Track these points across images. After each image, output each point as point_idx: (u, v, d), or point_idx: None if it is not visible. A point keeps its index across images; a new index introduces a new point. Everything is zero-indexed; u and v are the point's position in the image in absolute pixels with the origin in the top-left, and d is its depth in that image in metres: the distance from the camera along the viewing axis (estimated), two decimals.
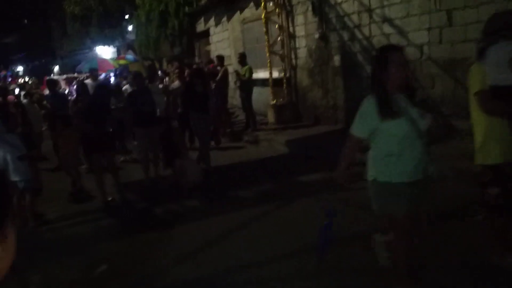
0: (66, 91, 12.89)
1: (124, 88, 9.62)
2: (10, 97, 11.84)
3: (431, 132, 3.09)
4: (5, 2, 30.41)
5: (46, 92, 10.35)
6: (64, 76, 15.41)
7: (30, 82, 20.72)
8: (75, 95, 13.65)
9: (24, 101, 9.39)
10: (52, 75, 26.61)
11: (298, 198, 5.71)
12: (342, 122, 9.33)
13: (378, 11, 8.18)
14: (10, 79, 29.01)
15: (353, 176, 3.27)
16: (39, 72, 28.63)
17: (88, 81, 11.47)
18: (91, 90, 9.20)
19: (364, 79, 8.64)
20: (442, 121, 6.66)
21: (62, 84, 14.10)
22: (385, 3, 7.98)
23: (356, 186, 3.78)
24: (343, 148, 3.23)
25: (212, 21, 14.44)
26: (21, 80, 25.72)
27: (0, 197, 0.79)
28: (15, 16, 34.78)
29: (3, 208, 0.80)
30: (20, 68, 35.72)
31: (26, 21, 35.46)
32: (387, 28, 8.02)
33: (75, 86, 14.30)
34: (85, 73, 16.95)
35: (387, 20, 8.00)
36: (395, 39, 7.84)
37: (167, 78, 11.95)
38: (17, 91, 15.23)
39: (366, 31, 8.52)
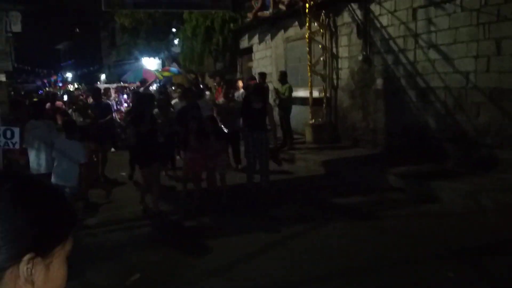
0: (115, 100, 13.37)
1: (173, 102, 9.59)
2: (58, 103, 12.38)
3: None
4: (60, 10, 31.91)
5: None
6: (114, 85, 15.82)
7: (73, 89, 21.65)
8: (125, 105, 13.98)
9: (69, 110, 9.79)
10: (98, 83, 27.64)
11: (332, 221, 5.68)
12: (382, 146, 9.23)
13: (424, 36, 8.11)
14: (61, 84, 30.34)
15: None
16: (86, 79, 29.78)
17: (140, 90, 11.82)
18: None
19: (406, 104, 8.54)
20: None
21: (112, 93, 14.52)
22: (432, 28, 7.91)
23: (390, 214, 3.79)
24: None
25: (255, 39, 14.66)
26: (70, 86, 26.82)
27: (62, 217, 0.81)
28: (68, 25, 36.42)
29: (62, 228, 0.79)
30: (69, 74, 37.23)
31: (77, 30, 37.00)
32: (433, 54, 7.92)
33: (125, 96, 14.65)
34: (131, 82, 17.50)
35: (433, 46, 7.92)
36: (441, 66, 7.74)
37: (208, 92, 12.19)
38: (65, 97, 15.84)
39: (411, 56, 8.45)
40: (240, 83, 10.97)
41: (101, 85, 15.73)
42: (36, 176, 5.52)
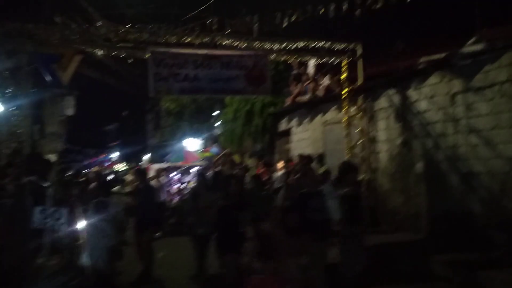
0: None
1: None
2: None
3: None
4: (111, 94, 34.11)
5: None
6: (167, 165, 15.43)
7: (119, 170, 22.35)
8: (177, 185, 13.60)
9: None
10: (141, 162, 28.56)
11: None
12: (424, 231, 8.90)
13: (463, 121, 8.09)
14: (107, 164, 31.61)
15: None
16: (131, 158, 30.90)
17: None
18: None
19: (449, 188, 8.35)
20: None
21: (164, 173, 14.07)
22: (472, 113, 7.91)
23: None
24: None
25: (294, 122, 15.02)
26: (117, 166, 27.87)
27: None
28: (117, 108, 38.76)
29: None
30: (115, 154, 38.83)
31: (125, 112, 39.21)
32: (474, 139, 7.85)
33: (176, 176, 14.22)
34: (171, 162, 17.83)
35: (473, 130, 7.87)
36: (483, 151, 7.63)
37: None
38: (110, 176, 16.33)
39: (450, 140, 8.39)
40: (280, 164, 11.10)
41: (154, 166, 15.13)
42: None
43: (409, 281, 6.53)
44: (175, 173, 14.61)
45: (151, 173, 12.75)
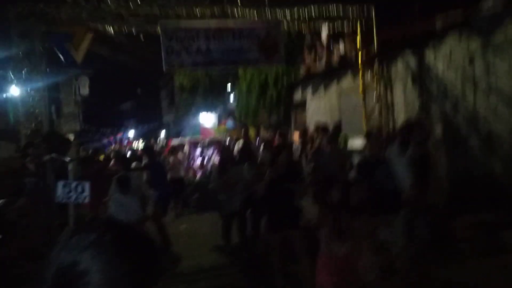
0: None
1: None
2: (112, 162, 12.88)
3: None
4: (123, 73, 34.27)
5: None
6: (187, 138, 15.09)
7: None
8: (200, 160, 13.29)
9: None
10: (158, 139, 28.81)
11: None
12: (445, 195, 8.84)
13: (482, 81, 7.91)
14: (126, 142, 32.00)
15: None
16: (147, 136, 31.19)
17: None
18: None
19: (469, 150, 8.24)
20: None
21: (186, 148, 14.02)
22: (491, 72, 7.71)
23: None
24: None
25: (309, 91, 14.88)
26: (134, 144, 28.16)
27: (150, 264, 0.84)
28: (131, 86, 38.92)
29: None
30: (131, 132, 39.21)
31: (139, 90, 39.35)
32: (494, 98, 7.68)
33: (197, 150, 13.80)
34: (188, 136, 17.91)
35: (493, 90, 7.69)
36: (503, 111, 7.47)
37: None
38: (129, 154, 16.53)
39: (470, 101, 8.23)
40: (296, 135, 11.06)
41: (175, 140, 14.82)
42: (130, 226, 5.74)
43: (431, 244, 6.51)
44: (196, 148, 14.16)
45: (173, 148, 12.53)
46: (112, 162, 10.57)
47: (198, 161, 13.23)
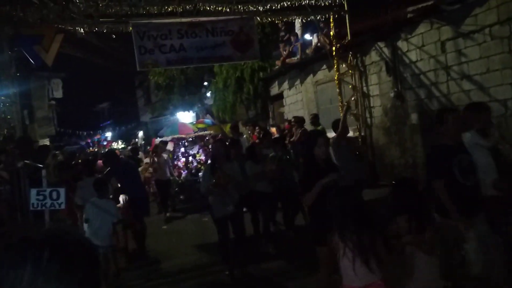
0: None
1: None
2: (99, 163, 12.64)
3: None
4: (97, 74, 33.72)
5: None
6: (169, 137, 14.25)
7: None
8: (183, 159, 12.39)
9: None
10: (136, 139, 28.48)
11: None
12: (423, 181, 8.97)
13: (455, 68, 8.04)
14: (105, 143, 31.54)
15: None
16: (125, 137, 30.81)
17: None
18: None
19: None
20: None
21: (170, 146, 13.12)
22: (463, 59, 7.84)
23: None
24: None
25: (285, 85, 14.90)
26: (114, 144, 27.78)
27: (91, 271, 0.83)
28: (106, 86, 38.36)
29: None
30: (108, 134, 38.65)
31: (114, 90, 38.81)
32: (466, 85, 7.82)
33: (182, 149, 12.84)
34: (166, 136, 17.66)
35: (465, 76, 7.83)
36: (476, 96, 7.61)
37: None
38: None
39: (443, 88, 8.36)
40: (274, 130, 11.06)
41: (158, 140, 14.10)
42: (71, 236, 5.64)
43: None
44: (180, 146, 13.12)
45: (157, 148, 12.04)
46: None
47: (182, 160, 12.40)
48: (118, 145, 28.03)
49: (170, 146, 13.09)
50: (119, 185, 7.47)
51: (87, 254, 0.84)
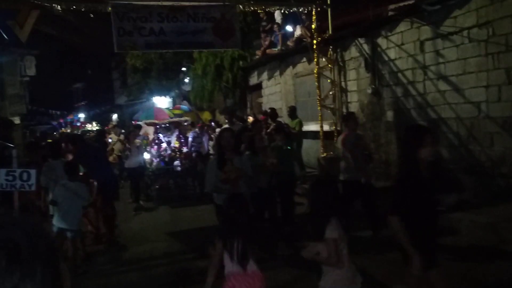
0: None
1: None
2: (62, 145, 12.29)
3: None
4: (73, 53, 32.82)
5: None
6: (148, 121, 13.22)
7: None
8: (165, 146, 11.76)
9: None
10: (110, 122, 27.97)
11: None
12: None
13: (433, 68, 8.16)
14: (79, 124, 30.91)
15: None
16: (99, 119, 30.25)
17: None
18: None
19: None
20: None
21: (150, 131, 12.90)
22: (440, 60, 7.97)
23: None
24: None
25: (265, 75, 14.87)
26: (88, 126, 27.23)
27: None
28: (81, 67, 37.39)
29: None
30: (81, 115, 37.91)
31: (90, 71, 37.91)
32: (443, 85, 7.95)
33: (160, 135, 12.21)
34: (142, 121, 17.37)
35: (442, 77, 7.95)
36: (451, 96, 7.75)
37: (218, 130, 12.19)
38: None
39: (420, 87, 8.48)
40: (250, 119, 11.04)
41: (142, 123, 12.95)
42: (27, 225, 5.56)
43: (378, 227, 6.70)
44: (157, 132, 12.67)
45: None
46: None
47: (155, 147, 11.71)
48: (93, 126, 27.54)
49: (150, 131, 12.81)
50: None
51: (40, 245, 0.81)
